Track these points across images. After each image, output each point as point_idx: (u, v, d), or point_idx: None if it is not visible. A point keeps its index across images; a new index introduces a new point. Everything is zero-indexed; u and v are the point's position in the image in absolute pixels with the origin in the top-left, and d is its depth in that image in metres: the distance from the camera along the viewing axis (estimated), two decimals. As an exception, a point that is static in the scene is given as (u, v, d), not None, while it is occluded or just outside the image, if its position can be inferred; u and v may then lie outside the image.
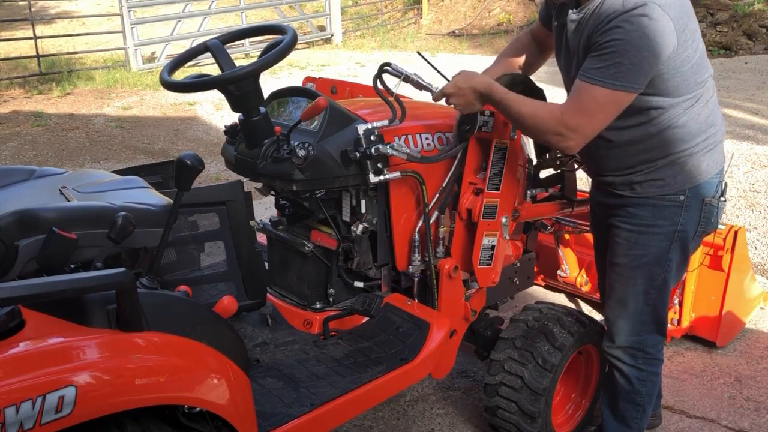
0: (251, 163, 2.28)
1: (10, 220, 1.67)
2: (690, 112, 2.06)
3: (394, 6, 16.78)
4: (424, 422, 2.82)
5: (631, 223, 2.19)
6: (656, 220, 2.15)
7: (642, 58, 1.89)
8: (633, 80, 1.92)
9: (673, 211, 2.14)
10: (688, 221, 2.16)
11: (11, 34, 12.72)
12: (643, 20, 1.87)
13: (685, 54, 1.97)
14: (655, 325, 2.27)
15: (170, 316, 1.62)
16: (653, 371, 2.33)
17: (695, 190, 2.13)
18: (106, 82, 9.80)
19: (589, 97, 1.96)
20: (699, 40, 2.04)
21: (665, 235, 2.16)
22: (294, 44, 2.19)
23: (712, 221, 2.21)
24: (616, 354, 2.32)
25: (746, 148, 5.94)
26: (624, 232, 2.21)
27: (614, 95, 1.93)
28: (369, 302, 2.45)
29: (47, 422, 1.31)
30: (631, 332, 2.27)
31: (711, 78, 2.13)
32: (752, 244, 4.33)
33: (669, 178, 2.12)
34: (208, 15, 12.09)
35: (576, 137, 2.00)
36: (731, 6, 11.69)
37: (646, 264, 2.19)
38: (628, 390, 2.34)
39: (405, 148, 2.27)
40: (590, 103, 1.96)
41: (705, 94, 2.09)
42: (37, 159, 6.57)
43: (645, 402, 2.35)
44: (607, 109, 1.97)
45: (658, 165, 2.11)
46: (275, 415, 1.93)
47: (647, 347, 2.29)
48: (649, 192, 2.15)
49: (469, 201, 2.37)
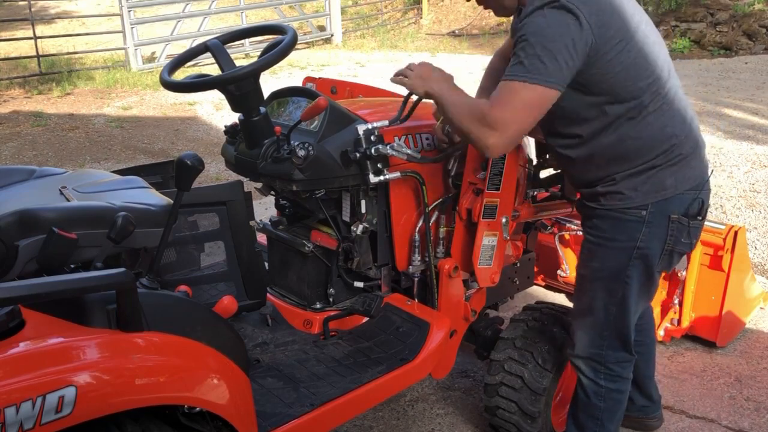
0: (251, 163, 2.28)
1: (10, 220, 1.67)
2: (640, 121, 1.97)
3: (394, 6, 16.78)
4: (424, 422, 2.82)
5: (592, 235, 2.13)
6: (615, 234, 2.07)
7: (554, 50, 1.82)
8: (549, 74, 1.83)
9: (633, 226, 2.04)
10: (650, 238, 2.04)
11: (11, 34, 12.72)
12: (550, 12, 1.84)
13: (612, 54, 1.89)
14: (618, 342, 2.19)
15: (170, 316, 1.62)
16: (615, 389, 2.24)
17: (659, 205, 2.02)
18: (106, 82, 9.80)
19: (507, 92, 1.89)
20: (639, 41, 1.93)
21: (623, 250, 2.07)
22: (294, 44, 2.19)
23: (682, 240, 2.07)
24: (578, 364, 2.27)
25: (746, 148, 5.93)
26: (587, 243, 2.16)
27: (533, 89, 1.85)
28: (369, 302, 2.45)
29: (47, 422, 1.31)
30: (589, 344, 2.21)
31: (665, 84, 1.99)
32: (752, 244, 4.33)
33: (629, 191, 2.02)
34: (208, 15, 12.09)
35: (495, 130, 1.89)
36: (731, 6, 11.69)
37: (604, 278, 2.12)
38: (585, 402, 2.28)
39: (405, 149, 2.27)
40: (509, 95, 1.88)
41: (654, 102, 1.97)
42: (37, 159, 6.57)
43: (604, 417, 2.27)
44: (528, 105, 1.87)
45: (617, 179, 2.03)
46: (275, 415, 1.93)
47: (609, 363, 2.21)
48: (611, 204, 2.06)
49: (469, 201, 2.37)
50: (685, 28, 11.75)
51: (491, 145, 1.93)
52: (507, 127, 1.90)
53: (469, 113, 1.97)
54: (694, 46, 11.51)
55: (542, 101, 1.88)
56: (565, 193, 2.69)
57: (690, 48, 11.44)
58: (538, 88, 1.85)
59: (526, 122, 1.92)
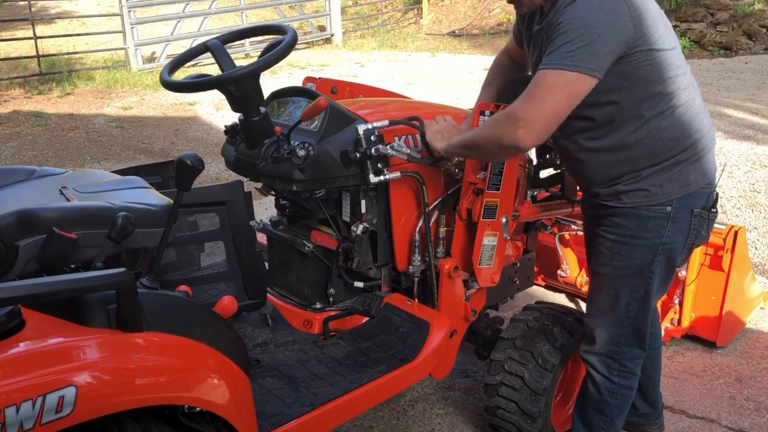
0: (251, 163, 2.28)
1: (10, 220, 1.67)
2: (669, 116, 1.98)
3: (394, 6, 16.78)
4: (424, 422, 2.82)
5: (615, 234, 2.12)
6: (641, 232, 2.08)
7: (593, 37, 1.79)
8: (585, 59, 1.79)
9: (659, 222, 2.06)
10: (675, 233, 2.07)
11: (11, 34, 12.72)
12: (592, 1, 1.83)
13: (647, 47, 1.89)
14: (635, 339, 2.21)
15: (170, 316, 1.62)
16: (626, 385, 2.26)
17: (683, 200, 2.05)
18: (106, 82, 9.80)
19: (537, 82, 1.85)
20: (667, 35, 1.95)
21: (649, 247, 2.08)
22: (294, 44, 2.19)
23: (702, 233, 2.12)
24: (591, 361, 2.27)
25: (746, 148, 5.93)
26: (608, 242, 2.15)
27: (563, 76, 1.80)
28: (369, 302, 2.45)
29: (47, 422, 1.31)
30: (608, 341, 2.22)
31: (689, 79, 2.03)
32: (752, 244, 4.33)
33: (655, 188, 2.03)
34: (208, 15, 12.09)
35: (522, 125, 1.84)
36: (731, 6, 11.69)
37: (628, 276, 2.13)
38: (597, 399, 2.28)
39: (405, 149, 2.27)
40: (538, 88, 1.84)
41: (682, 96, 2.00)
42: (37, 159, 6.57)
43: (614, 414, 2.28)
44: (555, 92, 1.82)
45: (642, 174, 2.03)
46: (275, 415, 1.93)
47: (624, 359, 2.23)
48: (635, 202, 2.07)
49: (469, 201, 2.37)
50: (685, 28, 11.75)
51: (521, 137, 1.86)
52: (535, 117, 1.84)
53: (498, 116, 2.00)
54: (694, 46, 11.51)
55: (573, 87, 1.83)
56: (565, 193, 2.69)
57: (690, 48, 11.44)
58: (569, 74, 1.80)
59: (557, 109, 1.85)
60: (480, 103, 2.36)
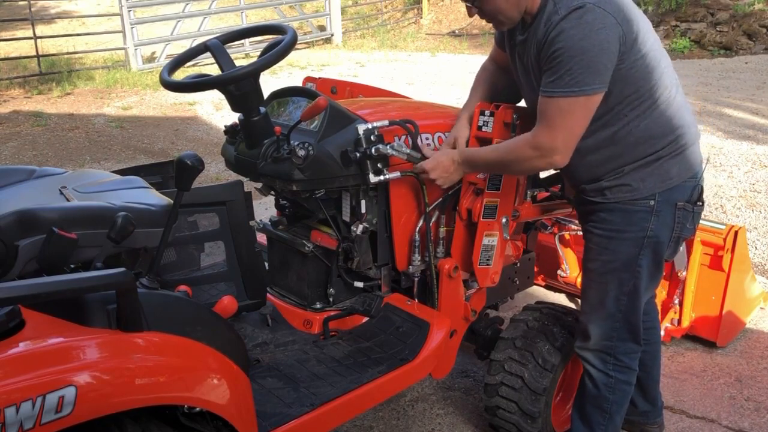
0: (251, 163, 2.28)
1: (10, 220, 1.67)
2: (650, 114, 2.03)
3: (394, 6, 16.78)
4: (424, 422, 2.82)
5: (601, 228, 2.17)
6: (626, 226, 2.12)
7: (591, 58, 1.87)
8: (590, 81, 1.90)
9: (643, 216, 2.10)
10: (659, 227, 2.12)
11: (11, 34, 12.72)
12: (580, 21, 1.86)
13: (635, 51, 1.94)
14: (628, 333, 2.24)
15: (170, 316, 1.62)
16: (623, 380, 2.28)
17: (666, 194, 2.09)
18: (106, 82, 9.81)
19: (553, 110, 1.95)
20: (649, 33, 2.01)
21: (634, 241, 2.12)
22: (294, 44, 2.19)
23: (687, 226, 2.16)
24: (587, 357, 2.29)
25: (746, 148, 5.94)
26: (595, 237, 2.19)
27: (577, 101, 1.92)
28: (369, 302, 2.45)
29: (47, 422, 1.31)
30: (602, 336, 2.24)
31: (670, 76, 2.07)
32: (752, 244, 4.33)
33: (637, 182, 2.08)
34: (208, 15, 12.10)
35: (557, 152, 2.00)
36: (731, 6, 11.69)
37: (616, 270, 2.17)
38: (594, 395, 2.30)
39: (405, 149, 2.27)
40: (556, 116, 1.95)
41: (663, 94, 2.04)
42: (37, 159, 6.57)
43: (613, 409, 2.30)
44: (575, 116, 1.95)
45: (624, 171, 2.08)
46: (275, 415, 1.93)
47: (618, 354, 2.25)
48: (619, 197, 2.12)
49: (469, 201, 2.37)
50: (685, 28, 11.76)
51: (558, 161, 2.03)
52: (562, 142, 1.98)
53: (522, 143, 2.06)
54: (694, 46, 11.52)
55: (587, 107, 1.95)
56: (565, 193, 2.69)
57: (690, 48, 11.45)
58: (580, 99, 1.92)
59: (580, 128, 1.99)
60: (480, 103, 2.36)
